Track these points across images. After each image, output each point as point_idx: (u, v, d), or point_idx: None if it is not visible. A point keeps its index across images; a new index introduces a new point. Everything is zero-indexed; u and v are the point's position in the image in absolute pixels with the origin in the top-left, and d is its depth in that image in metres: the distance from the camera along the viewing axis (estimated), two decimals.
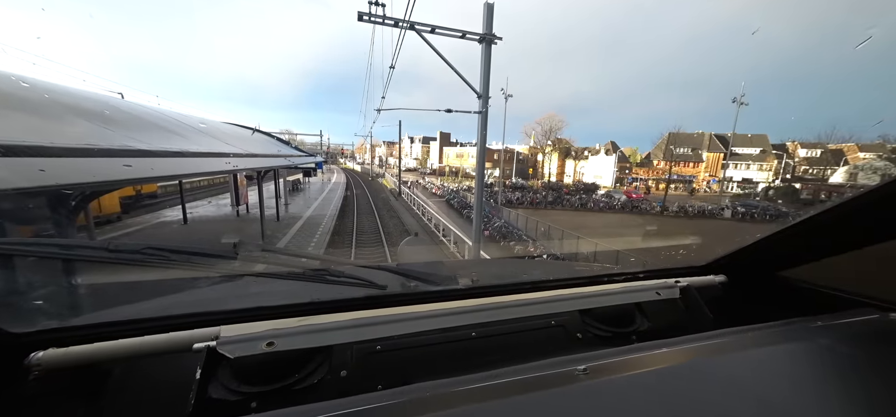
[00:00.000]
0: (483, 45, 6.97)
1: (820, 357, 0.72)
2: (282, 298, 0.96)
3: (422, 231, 16.52)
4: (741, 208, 28.04)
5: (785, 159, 43.51)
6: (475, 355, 0.98)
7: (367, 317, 0.91)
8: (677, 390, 0.59)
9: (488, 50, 7.00)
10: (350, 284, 1.07)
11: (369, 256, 11.80)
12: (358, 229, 15.62)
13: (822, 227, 1.07)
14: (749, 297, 1.34)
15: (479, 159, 8.09)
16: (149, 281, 0.89)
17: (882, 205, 0.92)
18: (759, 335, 0.79)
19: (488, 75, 7.17)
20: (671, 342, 0.76)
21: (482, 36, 6.92)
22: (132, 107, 5.04)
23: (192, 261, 0.86)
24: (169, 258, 0.82)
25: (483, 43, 6.95)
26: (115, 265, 0.84)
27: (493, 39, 6.93)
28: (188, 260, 0.85)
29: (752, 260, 1.34)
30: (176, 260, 0.83)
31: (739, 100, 31.77)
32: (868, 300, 1.04)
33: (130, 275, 0.87)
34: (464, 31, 6.90)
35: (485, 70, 7.12)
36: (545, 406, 0.54)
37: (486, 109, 7.35)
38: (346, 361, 0.87)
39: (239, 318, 0.86)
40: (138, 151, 2.68)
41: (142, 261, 0.81)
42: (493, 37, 6.92)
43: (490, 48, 7.00)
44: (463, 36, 6.90)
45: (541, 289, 1.21)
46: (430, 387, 0.59)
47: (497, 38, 6.95)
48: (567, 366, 0.63)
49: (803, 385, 0.63)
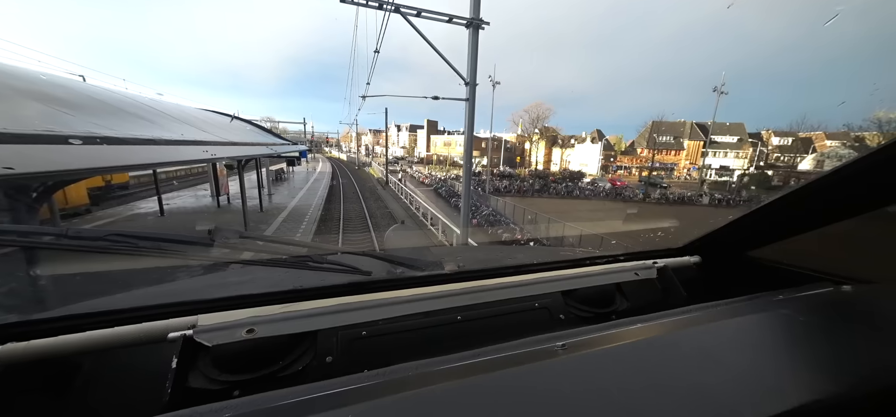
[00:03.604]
0: (470, 30, 6.86)
1: (779, 328, 0.77)
2: (263, 286, 0.95)
3: (410, 219, 16.49)
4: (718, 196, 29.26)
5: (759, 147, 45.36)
6: (460, 337, 1.00)
7: (352, 303, 0.91)
8: (649, 361, 0.62)
9: (475, 35, 6.90)
10: (334, 271, 1.06)
11: (357, 243, 11.75)
12: (345, 217, 15.47)
13: (784, 210, 1.13)
14: (721, 276, 1.41)
15: (466, 147, 8.06)
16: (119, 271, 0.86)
17: (834, 188, 0.98)
18: (726, 309, 0.84)
19: (476, 61, 7.09)
20: (646, 318, 0.79)
21: (469, 20, 6.80)
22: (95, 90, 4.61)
23: (164, 249, 0.83)
24: (137, 245, 0.79)
25: (470, 28, 6.84)
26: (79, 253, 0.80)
27: (480, 24, 6.83)
28: (158, 247, 0.82)
29: (723, 241, 1.40)
30: (145, 247, 0.80)
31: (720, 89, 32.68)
32: (823, 275, 1.12)
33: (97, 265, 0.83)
34: (451, 16, 6.76)
35: (472, 56, 7.03)
36: (523, 380, 0.56)
37: (473, 97, 7.29)
38: (331, 347, 0.86)
39: (218, 307, 0.84)
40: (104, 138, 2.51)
41: (107, 249, 0.77)
42: (480, 22, 6.82)
43: (477, 33, 6.90)
44: (450, 20, 6.77)
45: (525, 273, 1.23)
46: (412, 367, 0.60)
47: (484, 22, 6.85)
48: (546, 344, 0.65)
49: (762, 353, 0.68)
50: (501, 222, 16.97)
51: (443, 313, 0.99)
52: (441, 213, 14.75)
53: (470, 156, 8.20)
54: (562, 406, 0.51)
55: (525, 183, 34.18)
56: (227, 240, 0.87)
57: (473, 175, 31.21)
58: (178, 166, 18.97)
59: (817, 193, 1.03)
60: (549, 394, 0.53)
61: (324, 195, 19.05)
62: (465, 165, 8.41)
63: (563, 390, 0.54)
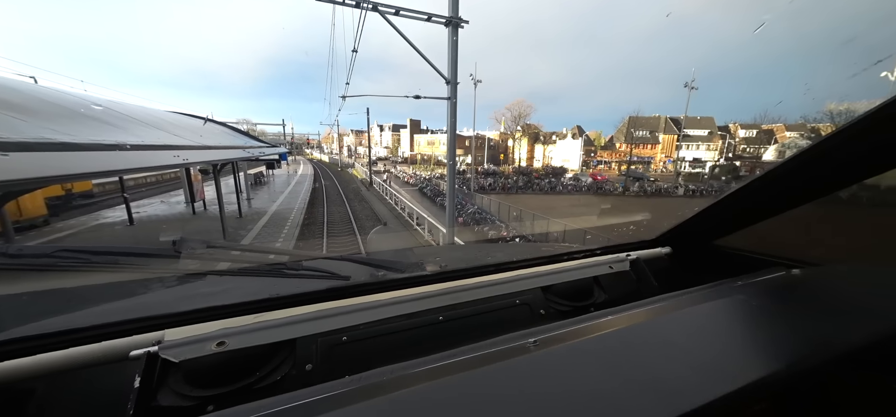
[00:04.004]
0: (449, 28, 6.86)
1: (735, 312, 0.82)
2: (236, 296, 0.92)
3: (395, 220, 16.37)
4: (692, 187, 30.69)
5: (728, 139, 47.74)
6: (443, 337, 1.00)
7: (331, 308, 0.89)
8: (614, 352, 0.64)
9: (455, 33, 6.91)
10: (312, 277, 1.03)
11: (342, 246, 11.56)
12: (329, 220, 15.18)
13: (745, 199, 1.20)
14: (689, 265, 1.47)
15: (449, 146, 8.07)
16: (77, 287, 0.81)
17: (788, 177, 1.05)
18: (689, 297, 0.88)
19: (456, 60, 7.10)
20: (616, 310, 0.83)
21: (448, 19, 6.80)
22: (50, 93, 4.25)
23: (123, 263, 0.78)
24: (89, 261, 0.74)
25: (449, 26, 6.84)
26: (25, 272, 0.75)
27: (459, 23, 6.84)
28: (116, 261, 0.78)
29: (692, 231, 1.47)
30: (99, 262, 0.75)
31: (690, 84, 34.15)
32: (779, 259, 1.19)
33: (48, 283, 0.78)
34: (429, 14, 6.74)
35: (452, 55, 7.03)
36: (496, 378, 0.57)
37: (454, 95, 7.31)
38: (310, 355, 0.85)
39: (186, 320, 0.81)
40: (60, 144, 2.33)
41: (55, 266, 0.72)
42: (459, 20, 6.83)
43: (457, 32, 6.91)
44: (429, 18, 6.75)
45: (506, 270, 1.24)
46: (388, 371, 0.60)
47: (463, 21, 6.87)
48: (519, 341, 0.66)
49: (718, 337, 0.72)
50: (487, 220, 17.12)
51: (425, 314, 0.99)
52: (427, 213, 14.71)
53: (453, 154, 8.21)
54: (531, 401, 0.52)
55: (509, 180, 34.57)
56: (193, 251, 0.84)
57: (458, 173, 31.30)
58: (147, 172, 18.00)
59: (773, 183, 1.09)
60: (520, 390, 0.54)
61: (306, 198, 18.59)
62: (449, 164, 8.42)
63: (533, 385, 0.55)
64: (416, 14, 6.64)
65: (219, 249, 0.93)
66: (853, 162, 0.98)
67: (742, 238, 1.38)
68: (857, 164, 0.98)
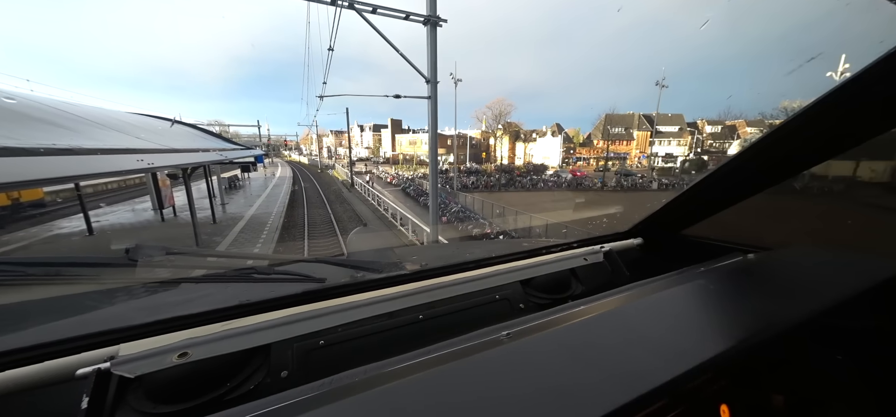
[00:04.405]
0: (428, 27, 6.84)
1: (697, 295, 0.87)
2: (201, 305, 0.87)
3: (378, 221, 16.19)
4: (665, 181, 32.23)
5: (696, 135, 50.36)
6: (422, 336, 0.99)
7: (307, 312, 0.87)
8: (583, 340, 0.66)
9: (434, 32, 6.89)
10: (286, 281, 1.00)
11: (324, 248, 11.31)
12: (310, 222, 14.82)
13: (706, 191, 1.27)
14: (659, 254, 1.54)
15: (431, 145, 8.05)
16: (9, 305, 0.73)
17: (740, 170, 1.12)
18: (657, 284, 0.92)
19: (435, 59, 7.09)
20: (589, 300, 0.85)
21: (426, 18, 6.78)
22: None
23: (67, 275, 0.72)
24: (25, 274, 0.68)
25: (428, 24, 6.82)
26: None
27: (437, 21, 6.83)
28: (59, 273, 0.71)
29: (661, 222, 1.53)
30: (37, 275, 0.69)
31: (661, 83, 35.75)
32: (737, 246, 1.28)
33: None
34: (408, 12, 6.68)
35: (431, 53, 7.01)
36: (468, 370, 0.58)
37: (435, 94, 7.29)
38: (286, 361, 0.81)
39: (143, 333, 0.76)
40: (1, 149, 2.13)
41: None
42: (437, 19, 6.82)
43: (435, 31, 6.90)
44: (407, 17, 6.69)
45: (485, 266, 1.25)
46: (362, 372, 0.59)
47: (442, 20, 6.87)
48: (493, 334, 0.67)
49: (681, 319, 0.77)
50: (471, 218, 17.23)
51: (404, 313, 0.98)
52: (410, 213, 14.64)
53: (435, 153, 8.20)
54: (500, 391, 0.53)
55: (492, 178, 34.95)
56: (151, 259, 0.79)
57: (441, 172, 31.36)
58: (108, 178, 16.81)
59: (729, 174, 1.16)
60: (492, 381, 0.54)
61: (285, 201, 18.04)
62: (431, 163, 8.40)
63: (504, 376, 0.56)
64: (394, 12, 6.57)
65: (181, 256, 0.88)
66: (794, 154, 1.06)
67: (706, 227, 1.46)
68: (797, 157, 1.07)
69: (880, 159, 1.68)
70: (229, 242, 10.04)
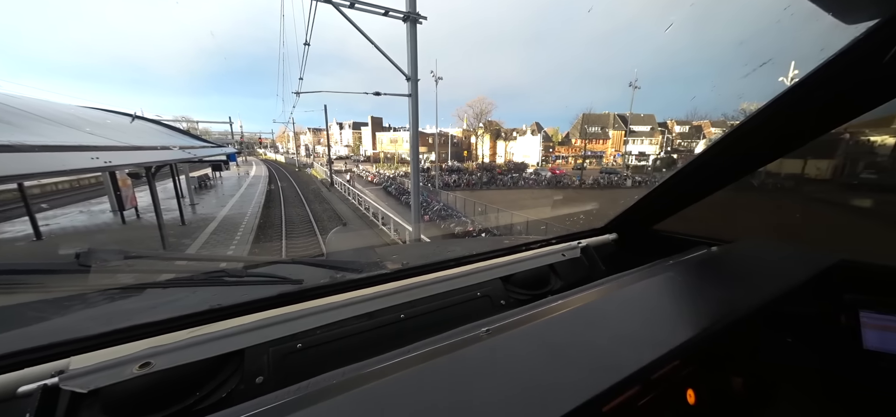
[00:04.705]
0: (408, 23, 6.77)
1: (666, 287, 0.92)
2: (166, 311, 0.82)
3: (359, 220, 15.90)
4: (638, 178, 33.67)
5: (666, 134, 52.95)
6: (404, 335, 0.98)
7: (283, 314, 0.84)
8: (559, 334, 0.69)
9: (414, 29, 6.83)
10: (260, 283, 0.96)
11: (302, 248, 10.98)
12: (288, 222, 14.33)
13: (674, 188, 1.34)
14: (632, 249, 1.61)
15: (412, 143, 8.00)
16: None
17: (705, 167, 1.19)
18: (630, 278, 0.96)
19: (416, 56, 7.03)
20: (566, 295, 0.88)
21: (406, 14, 6.70)
22: None
23: (6, 284, 0.66)
24: None
25: (407, 21, 6.75)
26: None
27: (418, 18, 6.77)
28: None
29: (634, 218, 1.60)
30: None
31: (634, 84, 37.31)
32: (702, 240, 1.36)
33: None
34: (387, 8, 6.59)
35: (412, 51, 6.95)
36: (448, 368, 0.58)
37: (415, 92, 7.24)
38: (261, 366, 0.78)
39: (98, 344, 0.70)
40: None
41: None
42: (417, 16, 6.76)
43: (415, 28, 6.84)
44: (386, 13, 6.59)
45: (467, 264, 1.26)
46: (339, 374, 0.58)
47: (422, 17, 6.81)
48: (473, 331, 0.68)
49: (652, 309, 0.81)
50: (453, 216, 17.29)
51: (385, 313, 0.97)
52: (392, 212, 14.48)
53: (416, 152, 8.15)
54: (479, 388, 0.53)
55: (474, 176, 35.16)
56: (106, 264, 0.73)
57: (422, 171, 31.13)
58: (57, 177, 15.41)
59: (695, 172, 1.23)
60: (470, 377, 0.55)
61: (261, 201, 17.34)
62: (413, 161, 8.35)
63: (482, 372, 0.57)
64: (373, 8, 6.45)
65: (142, 260, 0.83)
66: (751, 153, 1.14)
67: (676, 222, 1.54)
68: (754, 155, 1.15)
69: (823, 158, 1.84)
70: (200, 245, 9.53)
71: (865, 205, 1.73)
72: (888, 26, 0.66)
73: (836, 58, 0.74)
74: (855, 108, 0.91)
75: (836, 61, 0.75)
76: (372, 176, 34.20)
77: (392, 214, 13.78)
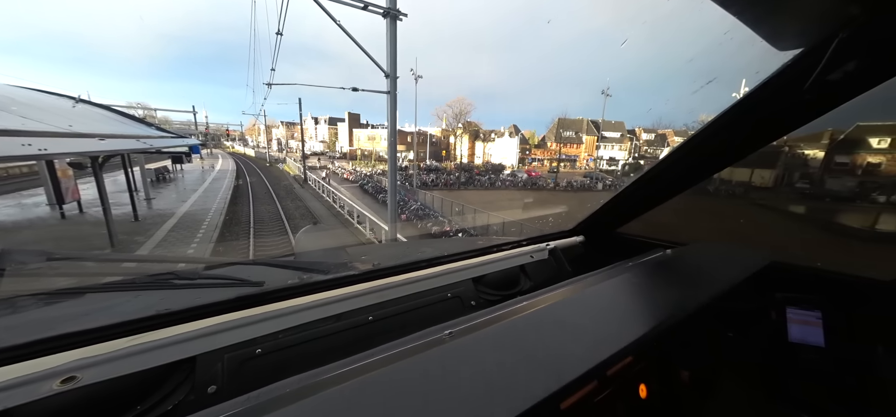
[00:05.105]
0: (387, 19, 6.68)
1: (623, 288, 0.97)
2: (100, 318, 0.75)
3: (334, 218, 15.47)
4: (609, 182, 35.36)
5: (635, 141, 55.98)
6: (372, 337, 0.97)
7: (241, 318, 0.79)
8: (521, 334, 0.70)
9: (393, 26, 6.75)
10: (215, 286, 0.91)
11: (272, 247, 10.51)
12: (256, 220, 13.65)
13: (635, 193, 1.42)
14: (598, 250, 1.68)
15: (390, 140, 7.90)
16: None
17: (664, 175, 1.27)
18: (593, 279, 1.01)
19: (395, 53, 6.95)
20: (532, 296, 0.90)
21: (386, 10, 6.61)
22: None
23: None
24: None
25: (387, 17, 6.66)
26: None
27: (398, 15, 6.70)
28: None
29: (600, 221, 1.68)
30: None
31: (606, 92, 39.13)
32: (658, 242, 1.45)
33: None
34: (366, 3, 6.46)
35: (391, 47, 6.87)
36: (411, 371, 0.58)
37: (394, 89, 7.16)
38: (215, 374, 0.74)
39: (10, 358, 0.63)
40: None
41: None
42: (397, 12, 6.69)
43: (395, 24, 6.76)
44: (365, 7, 6.46)
45: (439, 264, 1.26)
46: (296, 381, 0.56)
47: (402, 14, 6.75)
48: (437, 333, 0.68)
49: (609, 309, 0.85)
50: (430, 216, 17.26)
51: (353, 315, 0.95)
52: (368, 210, 14.21)
53: (394, 150, 8.07)
54: (438, 390, 0.54)
55: (452, 176, 35.29)
56: (23, 266, 0.66)
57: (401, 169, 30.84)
58: None
59: (655, 179, 1.32)
60: (430, 381, 0.55)
61: (227, 196, 16.40)
62: (390, 159, 8.25)
63: (444, 374, 0.57)
64: (351, 1, 6.31)
65: (71, 262, 0.75)
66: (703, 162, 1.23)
67: (638, 225, 1.64)
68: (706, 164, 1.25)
69: (766, 168, 2.03)
70: (155, 243, 8.82)
71: (798, 210, 1.93)
72: (809, 56, 0.75)
73: (769, 80, 0.83)
74: (785, 127, 1.01)
75: (769, 83, 0.83)
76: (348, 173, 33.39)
77: (368, 213, 13.53)
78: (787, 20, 0.74)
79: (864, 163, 1.63)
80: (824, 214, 1.80)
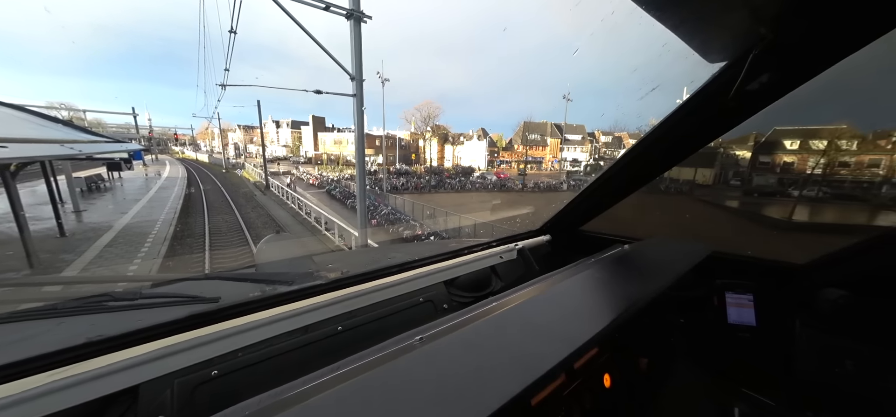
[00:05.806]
0: (351, 21, 6.54)
1: (586, 284, 1.02)
2: (10, 354, 0.64)
3: (300, 226, 14.76)
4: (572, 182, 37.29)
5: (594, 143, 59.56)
6: (341, 349, 0.93)
7: (193, 339, 0.73)
8: (488, 336, 0.72)
9: (358, 28, 6.62)
10: (161, 306, 0.83)
11: (232, 259, 9.78)
12: (212, 231, 12.63)
13: (595, 192, 1.51)
14: (564, 249, 1.77)
15: (357, 144, 7.72)
16: None
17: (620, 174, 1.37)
18: (558, 277, 1.05)
19: (360, 55, 6.81)
20: (502, 296, 0.92)
21: (349, 12, 6.46)
22: None
23: None
24: None
25: (351, 19, 6.52)
26: None
27: (361, 17, 6.58)
28: None
29: (565, 220, 1.77)
30: None
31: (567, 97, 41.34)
32: (618, 238, 1.56)
33: None
34: (328, 3, 6.27)
35: (356, 49, 6.72)
36: (381, 381, 0.57)
37: (360, 92, 7.01)
38: (163, 402, 0.67)
39: None
40: None
41: None
42: (361, 14, 6.56)
43: (360, 26, 6.63)
44: (327, 8, 6.27)
45: (410, 269, 1.25)
46: (256, 402, 0.52)
47: (366, 16, 6.63)
48: (407, 340, 0.67)
49: (573, 306, 0.89)
50: (401, 220, 17.06)
51: (320, 326, 0.91)
52: (336, 216, 13.73)
53: (362, 153, 7.88)
54: (409, 398, 0.53)
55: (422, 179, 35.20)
56: None
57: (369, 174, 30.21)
58: None
59: (612, 178, 1.41)
60: (401, 389, 0.55)
61: (177, 206, 15.03)
62: (358, 164, 8.05)
63: (415, 381, 0.57)
64: (312, 2, 6.09)
65: None
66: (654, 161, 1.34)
67: (599, 222, 1.74)
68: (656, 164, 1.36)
69: (706, 167, 2.26)
70: (87, 262, 7.81)
71: (732, 205, 2.17)
72: (732, 68, 0.85)
73: (702, 88, 0.93)
74: (718, 130, 1.14)
75: (703, 91, 0.94)
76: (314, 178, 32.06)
77: (336, 219, 13.07)
78: (712, 36, 0.83)
79: (781, 161, 1.88)
80: (753, 207, 2.05)
